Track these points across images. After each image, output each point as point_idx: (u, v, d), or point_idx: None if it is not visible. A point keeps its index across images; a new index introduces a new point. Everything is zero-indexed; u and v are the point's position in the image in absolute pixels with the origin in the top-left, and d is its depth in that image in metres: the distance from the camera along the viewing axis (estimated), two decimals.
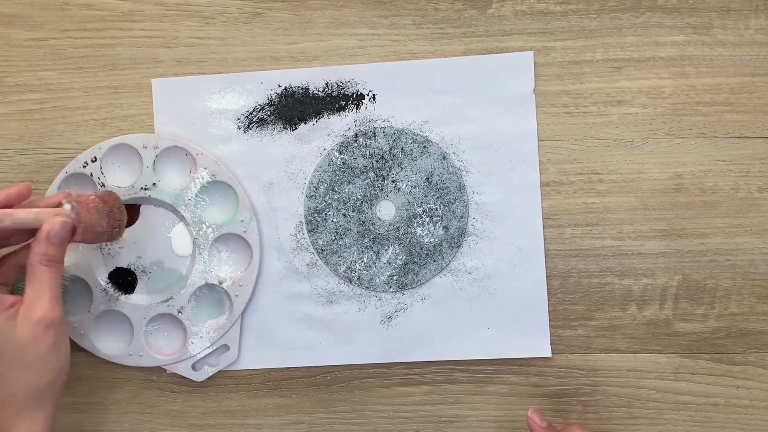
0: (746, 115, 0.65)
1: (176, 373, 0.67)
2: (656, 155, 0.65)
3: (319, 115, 0.67)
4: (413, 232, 0.66)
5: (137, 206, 0.67)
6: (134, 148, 0.66)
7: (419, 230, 0.66)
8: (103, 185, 0.66)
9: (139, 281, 0.68)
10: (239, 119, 0.67)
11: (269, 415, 0.68)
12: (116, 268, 0.68)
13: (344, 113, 0.66)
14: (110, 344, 0.68)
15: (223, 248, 0.67)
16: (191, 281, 0.67)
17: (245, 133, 0.67)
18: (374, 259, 0.66)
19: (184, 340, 0.67)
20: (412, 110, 0.66)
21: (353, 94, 0.66)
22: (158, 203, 0.67)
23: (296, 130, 0.67)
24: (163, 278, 0.68)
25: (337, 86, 0.66)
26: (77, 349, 0.68)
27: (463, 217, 0.65)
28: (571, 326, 0.66)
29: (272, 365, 0.67)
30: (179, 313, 0.67)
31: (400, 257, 0.66)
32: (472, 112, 0.66)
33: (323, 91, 0.66)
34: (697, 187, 0.65)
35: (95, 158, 0.66)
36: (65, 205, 0.58)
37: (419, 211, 0.66)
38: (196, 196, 0.66)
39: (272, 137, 0.67)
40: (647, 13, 0.65)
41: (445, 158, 0.65)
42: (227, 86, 0.67)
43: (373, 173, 0.66)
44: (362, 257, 0.66)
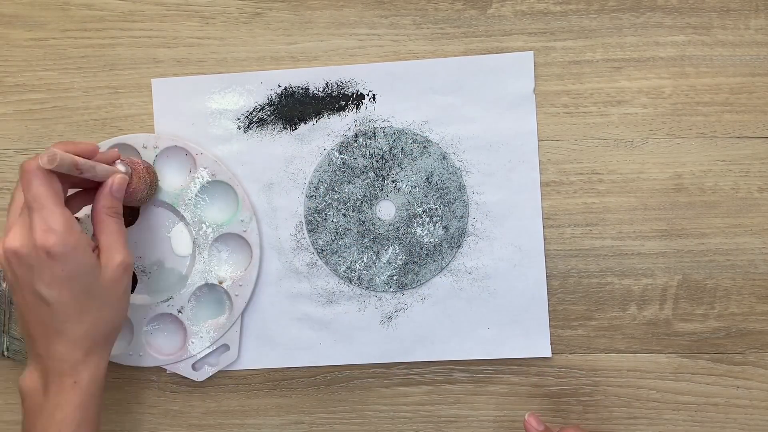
0: (746, 115, 0.65)
1: (176, 373, 0.67)
2: (656, 155, 0.65)
3: (319, 115, 0.67)
4: (413, 232, 0.66)
5: (138, 206, 0.68)
6: (134, 148, 0.66)
7: (419, 230, 0.66)
8: None
9: (139, 281, 0.68)
10: (239, 119, 0.67)
11: (269, 415, 0.68)
12: None
13: (344, 113, 0.66)
14: None
15: (223, 248, 0.67)
16: (191, 281, 0.67)
17: (245, 133, 0.67)
18: (374, 259, 0.66)
19: (184, 340, 0.67)
20: (412, 110, 0.66)
21: (353, 94, 0.66)
22: (158, 203, 0.67)
23: (296, 130, 0.67)
24: (163, 278, 0.68)
25: (337, 86, 0.66)
26: None
27: (463, 217, 0.65)
28: (571, 326, 0.66)
29: (272, 365, 0.67)
30: (179, 312, 0.67)
31: (400, 257, 0.66)
32: (472, 112, 0.66)
33: (323, 91, 0.66)
34: (697, 187, 0.65)
35: None
36: (119, 165, 0.60)
37: (419, 211, 0.66)
38: (196, 195, 0.66)
39: (272, 137, 0.67)
40: (647, 13, 0.65)
41: (445, 158, 0.65)
42: (227, 86, 0.67)
43: (373, 173, 0.66)
44: (362, 257, 0.66)
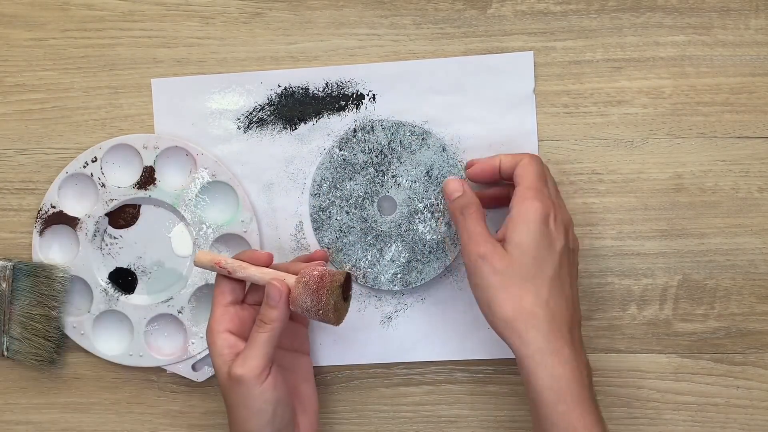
0: (746, 115, 0.65)
1: (176, 373, 0.67)
2: (656, 155, 0.65)
3: (319, 115, 0.67)
4: (415, 228, 0.65)
5: (137, 206, 0.68)
6: (134, 148, 0.66)
7: (421, 227, 0.65)
8: (103, 185, 0.66)
9: (139, 281, 0.68)
10: (239, 119, 0.67)
11: None
12: (116, 268, 0.68)
13: (344, 113, 0.66)
14: (110, 344, 0.68)
15: (223, 248, 0.67)
16: (191, 281, 0.67)
17: (245, 133, 0.67)
18: (378, 257, 0.65)
19: (184, 340, 0.67)
20: (412, 110, 0.66)
21: (353, 94, 0.66)
22: (158, 203, 0.67)
23: (296, 130, 0.67)
24: (163, 278, 0.68)
25: (337, 86, 0.66)
26: (77, 349, 0.68)
27: None
28: None
29: None
30: (179, 313, 0.67)
31: (403, 255, 0.65)
32: (472, 112, 0.66)
33: (323, 91, 0.66)
34: (697, 187, 0.65)
35: (95, 158, 0.66)
36: (287, 277, 0.59)
37: (420, 206, 0.65)
38: (196, 196, 0.66)
39: (272, 137, 0.67)
40: (647, 13, 0.65)
41: (444, 150, 0.65)
42: (227, 86, 0.67)
43: (373, 169, 0.65)
44: (366, 255, 0.65)
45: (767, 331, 0.66)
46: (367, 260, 0.65)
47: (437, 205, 0.64)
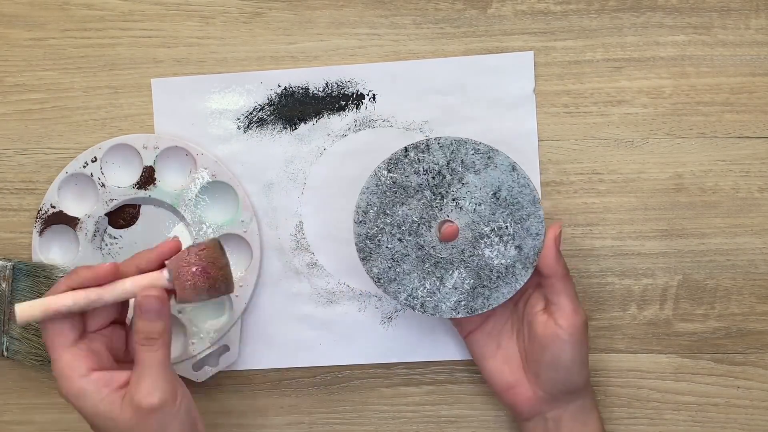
0: (747, 115, 0.65)
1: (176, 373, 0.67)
2: (656, 155, 0.65)
3: (319, 115, 0.67)
4: (480, 253, 0.60)
5: (137, 206, 0.68)
6: (134, 148, 0.66)
7: (488, 251, 0.60)
8: (103, 185, 0.66)
9: None
10: (239, 119, 0.67)
11: (269, 415, 0.68)
12: None
13: (344, 113, 0.66)
14: None
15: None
16: None
17: (245, 133, 0.67)
18: (438, 285, 0.60)
19: (184, 340, 0.67)
20: (412, 110, 0.66)
21: (353, 94, 0.66)
22: (158, 203, 0.67)
23: (296, 130, 0.67)
24: None
25: (337, 86, 0.66)
26: None
27: (538, 234, 0.59)
28: None
29: (272, 365, 0.67)
30: (179, 313, 0.67)
31: (467, 281, 0.60)
32: (472, 111, 0.66)
33: (323, 91, 0.66)
34: (697, 187, 0.65)
35: (95, 158, 0.66)
36: (164, 272, 0.54)
37: (487, 230, 0.59)
38: (196, 196, 0.66)
39: (272, 137, 0.67)
40: (647, 12, 0.65)
41: (514, 169, 0.59)
42: (227, 86, 0.67)
43: (429, 192, 0.60)
44: (424, 283, 0.60)
45: (767, 331, 0.66)
46: (425, 289, 0.60)
47: (506, 228, 0.59)
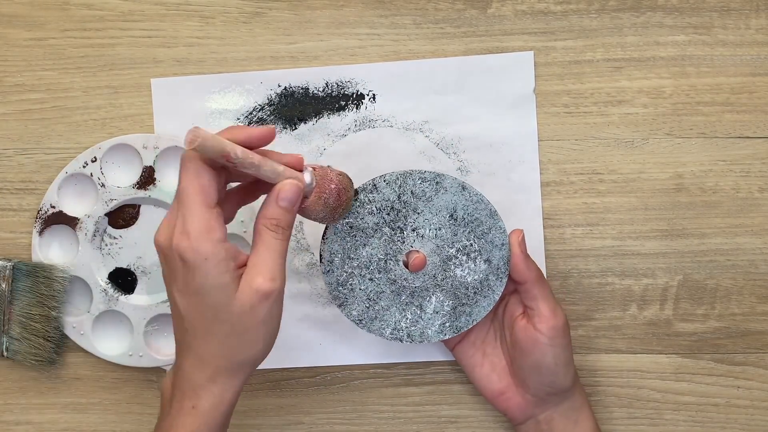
0: (747, 115, 0.65)
1: None
2: (657, 155, 0.65)
3: (319, 115, 0.67)
4: (453, 274, 0.60)
5: (137, 206, 0.67)
6: (134, 148, 0.66)
7: (459, 271, 0.60)
8: (103, 185, 0.66)
9: (139, 281, 0.68)
10: (239, 119, 0.67)
11: (269, 415, 0.68)
12: (116, 268, 0.68)
13: (344, 113, 0.66)
14: (110, 344, 0.68)
15: None
16: None
17: None
18: (419, 313, 0.60)
19: None
20: (412, 110, 0.66)
21: (353, 93, 0.66)
22: (158, 203, 0.67)
23: (296, 130, 0.67)
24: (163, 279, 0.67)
25: (337, 86, 0.66)
26: (77, 349, 0.68)
27: (504, 244, 0.60)
28: (571, 326, 0.66)
29: (272, 365, 0.67)
30: None
31: (447, 303, 0.60)
32: (472, 112, 0.66)
33: (323, 90, 0.66)
34: (697, 187, 0.65)
35: (95, 158, 0.66)
36: (306, 174, 0.53)
37: (453, 251, 0.60)
38: None
39: None
40: (648, 12, 0.65)
41: (464, 189, 0.59)
42: (227, 86, 0.67)
43: (388, 228, 0.60)
44: (405, 314, 0.60)
45: (767, 331, 0.66)
46: (408, 319, 0.61)
47: (471, 245, 0.60)
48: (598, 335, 0.66)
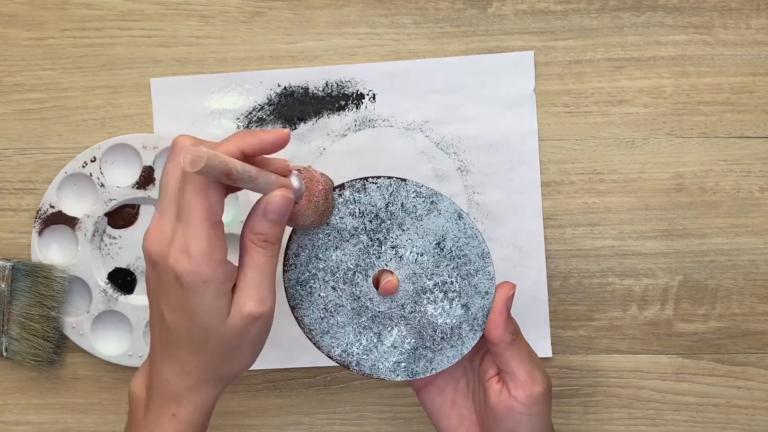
0: (747, 114, 0.65)
1: None
2: (657, 155, 0.65)
3: (318, 114, 0.66)
4: (423, 310, 0.54)
5: (137, 206, 0.67)
6: (134, 148, 0.66)
7: (431, 308, 0.54)
8: (102, 185, 0.66)
9: (138, 282, 0.68)
10: (239, 119, 0.67)
11: (269, 415, 0.68)
12: (115, 268, 0.68)
13: (344, 113, 0.66)
14: (109, 345, 0.68)
15: None
16: None
17: None
18: (375, 341, 0.55)
19: None
20: (412, 110, 0.66)
21: (353, 93, 0.66)
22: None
23: (296, 129, 0.67)
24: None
25: (336, 86, 0.66)
26: (76, 349, 0.68)
27: (488, 293, 0.54)
28: (571, 327, 0.66)
29: (272, 366, 0.67)
30: None
31: (408, 340, 0.54)
32: (472, 111, 0.66)
33: (323, 90, 0.66)
34: (698, 187, 0.65)
35: (94, 158, 0.66)
36: (293, 179, 0.49)
37: (430, 284, 0.54)
38: None
39: None
40: (648, 12, 0.65)
41: (461, 218, 0.53)
42: (227, 86, 0.67)
43: (366, 236, 0.54)
44: (360, 339, 0.55)
45: None
46: (361, 345, 0.55)
47: (451, 283, 0.54)
48: (598, 335, 0.66)
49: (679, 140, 0.65)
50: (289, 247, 0.54)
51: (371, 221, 0.54)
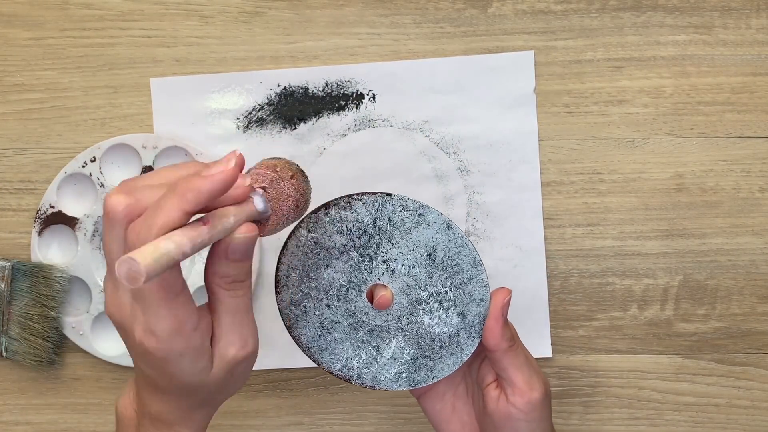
0: (747, 114, 0.65)
1: None
2: (657, 155, 0.65)
3: (318, 114, 0.66)
4: (419, 321, 0.54)
5: None
6: (133, 148, 0.66)
7: (427, 319, 0.54)
8: (102, 185, 0.66)
9: None
10: (239, 119, 0.67)
11: (269, 416, 0.68)
12: None
13: (344, 113, 0.66)
14: (109, 345, 0.68)
15: None
16: (191, 282, 0.66)
17: (245, 132, 0.67)
18: (374, 354, 0.54)
19: None
20: (412, 110, 0.66)
21: (353, 93, 0.66)
22: None
23: (296, 129, 0.67)
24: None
25: (336, 86, 0.66)
26: (76, 349, 0.68)
27: (483, 300, 0.53)
28: (572, 327, 0.66)
29: (272, 366, 0.67)
30: None
31: (407, 351, 0.54)
32: (472, 111, 0.66)
33: (323, 90, 0.66)
34: (698, 187, 0.65)
35: (94, 158, 0.66)
36: (257, 200, 0.46)
37: (424, 295, 0.53)
38: None
39: (272, 137, 0.67)
40: (648, 12, 0.65)
41: (449, 228, 0.53)
42: (226, 86, 0.67)
43: (356, 253, 0.53)
44: (359, 353, 0.55)
45: None
46: (361, 359, 0.54)
47: (446, 293, 0.53)
48: (598, 335, 0.66)
49: (679, 140, 0.65)
50: (279, 268, 0.54)
51: (360, 237, 0.53)
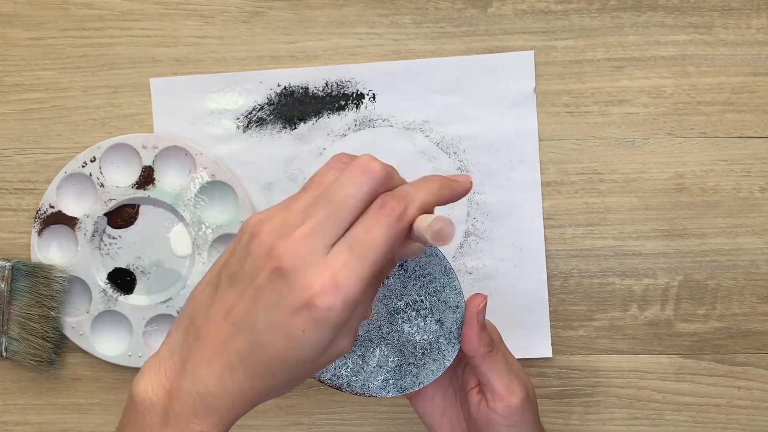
0: (748, 114, 0.65)
1: None
2: (657, 155, 0.65)
3: (318, 114, 0.66)
4: (400, 329, 0.54)
5: (136, 206, 0.67)
6: (133, 147, 0.66)
7: (407, 327, 0.54)
8: (102, 185, 0.66)
9: (138, 282, 0.67)
10: (238, 119, 0.67)
11: (268, 416, 0.68)
12: (115, 268, 0.68)
13: (344, 113, 0.66)
14: (109, 345, 0.68)
15: (222, 249, 0.67)
16: (191, 282, 0.66)
17: (244, 132, 0.67)
18: (360, 363, 0.54)
19: None
20: (412, 110, 0.66)
21: (353, 93, 0.66)
22: (158, 203, 0.67)
23: (296, 129, 0.67)
24: (162, 279, 0.67)
25: (336, 86, 0.66)
26: (76, 349, 0.68)
27: (458, 306, 0.54)
28: (572, 327, 0.66)
29: None
30: (179, 314, 0.66)
31: (391, 359, 0.54)
32: (472, 111, 0.65)
33: (323, 90, 0.66)
34: (698, 187, 0.65)
35: (94, 158, 0.66)
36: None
37: (401, 305, 0.54)
38: (195, 196, 0.66)
39: (272, 137, 0.67)
40: (648, 12, 0.65)
41: None
42: (226, 86, 0.67)
43: None
44: (346, 362, 0.54)
45: None
46: (348, 368, 0.54)
47: (421, 301, 0.54)
48: (598, 335, 0.66)
49: (679, 140, 0.65)
50: None
51: None
